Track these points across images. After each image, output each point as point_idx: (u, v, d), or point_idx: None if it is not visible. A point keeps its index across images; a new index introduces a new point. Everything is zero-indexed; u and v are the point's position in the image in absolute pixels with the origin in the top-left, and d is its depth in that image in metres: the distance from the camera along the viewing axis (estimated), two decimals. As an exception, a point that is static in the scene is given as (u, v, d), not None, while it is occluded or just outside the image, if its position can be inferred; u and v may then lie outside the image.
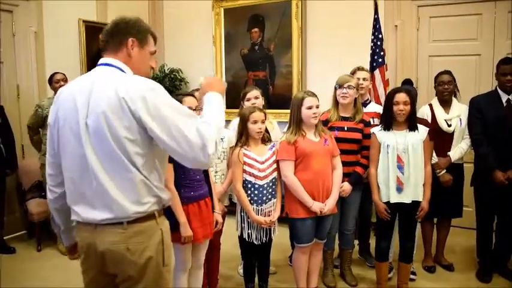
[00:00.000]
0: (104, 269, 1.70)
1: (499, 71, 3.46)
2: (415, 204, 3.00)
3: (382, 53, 4.23)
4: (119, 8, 5.35)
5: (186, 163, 1.63)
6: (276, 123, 3.66)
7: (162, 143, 1.57)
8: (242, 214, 2.92)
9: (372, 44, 4.29)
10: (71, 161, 1.66)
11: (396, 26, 4.69)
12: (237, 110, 3.62)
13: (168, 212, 2.42)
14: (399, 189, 2.97)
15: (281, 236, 3.30)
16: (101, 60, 1.72)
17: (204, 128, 1.58)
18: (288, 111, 3.04)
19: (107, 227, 1.62)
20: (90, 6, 5.24)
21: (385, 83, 4.18)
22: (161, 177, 1.72)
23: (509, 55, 3.74)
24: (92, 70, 1.73)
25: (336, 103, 3.26)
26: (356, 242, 3.71)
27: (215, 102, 1.75)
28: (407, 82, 3.71)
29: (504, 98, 3.42)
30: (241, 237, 2.96)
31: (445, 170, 3.47)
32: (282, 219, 3.03)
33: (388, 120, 3.04)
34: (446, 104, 3.57)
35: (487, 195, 3.49)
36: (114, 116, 1.55)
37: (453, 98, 3.59)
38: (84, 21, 5.08)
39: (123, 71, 1.68)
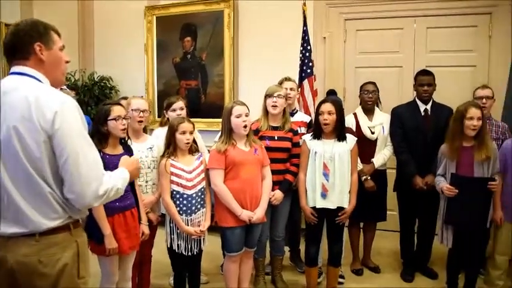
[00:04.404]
0: (13, 285, 1.64)
1: (417, 82, 3.68)
2: (341, 210, 3.10)
3: (310, 64, 4.34)
4: (45, 14, 5.13)
5: (70, 192, 1.59)
6: (198, 133, 3.62)
7: (58, 161, 1.56)
8: (171, 225, 2.89)
9: (301, 55, 4.40)
10: None
11: (325, 37, 4.85)
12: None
13: (92, 223, 2.39)
14: (324, 195, 3.06)
15: (213, 244, 3.30)
16: (13, 69, 1.67)
17: (101, 166, 1.65)
18: (221, 120, 3.05)
19: (19, 239, 1.59)
20: (14, 10, 4.98)
21: (314, 93, 4.28)
22: None
23: (428, 67, 3.97)
24: (4, 79, 1.66)
25: (265, 113, 3.32)
26: (287, 248, 3.78)
27: (123, 175, 1.83)
28: (331, 93, 3.84)
29: (422, 107, 3.63)
30: (170, 249, 2.92)
31: (369, 176, 3.61)
32: (214, 228, 3.03)
33: (317, 130, 3.14)
34: (369, 112, 3.74)
35: (409, 200, 3.69)
36: (25, 129, 1.53)
37: (376, 107, 3.77)
38: (6, 24, 4.82)
39: (38, 80, 1.64)
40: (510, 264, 3.26)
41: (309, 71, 4.33)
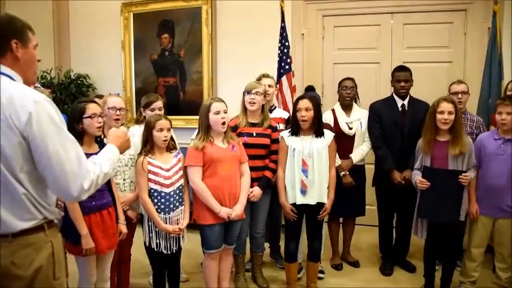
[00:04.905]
0: None
1: (394, 77, 3.71)
2: (320, 205, 3.12)
3: (288, 60, 4.35)
4: (18, 11, 5.00)
5: (56, 190, 1.60)
6: (172, 131, 3.59)
7: (38, 161, 1.54)
8: (149, 224, 2.86)
9: (279, 52, 4.40)
10: None
11: (303, 34, 4.86)
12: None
13: (69, 223, 2.35)
14: (303, 191, 3.07)
15: (192, 242, 3.28)
16: None
17: (85, 159, 1.61)
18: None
19: None
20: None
21: (292, 89, 4.30)
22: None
23: (405, 63, 4.01)
24: None
25: (244, 109, 3.31)
26: (267, 244, 3.78)
27: (111, 154, 1.82)
28: (309, 89, 3.85)
29: (399, 103, 3.66)
30: (149, 248, 2.89)
31: (347, 172, 3.63)
32: (194, 226, 3.01)
33: (295, 127, 3.14)
34: (347, 108, 3.75)
35: (387, 195, 3.72)
36: None
37: (354, 103, 3.79)
38: (-22, 23, 4.70)
39: (11, 78, 1.60)
40: (485, 256, 3.31)
41: (287, 67, 4.34)
